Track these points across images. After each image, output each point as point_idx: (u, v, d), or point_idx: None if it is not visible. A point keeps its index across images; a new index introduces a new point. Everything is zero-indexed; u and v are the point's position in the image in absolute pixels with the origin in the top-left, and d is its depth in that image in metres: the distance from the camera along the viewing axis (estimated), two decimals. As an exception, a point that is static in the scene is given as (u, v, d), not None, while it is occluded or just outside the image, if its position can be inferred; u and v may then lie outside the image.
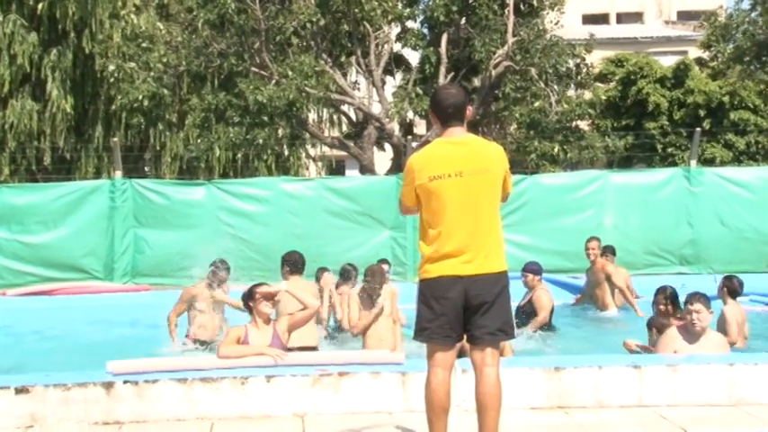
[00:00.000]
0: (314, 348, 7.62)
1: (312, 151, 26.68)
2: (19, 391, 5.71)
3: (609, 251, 11.45)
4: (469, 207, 4.56)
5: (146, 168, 23.26)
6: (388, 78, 21.50)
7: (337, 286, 10.22)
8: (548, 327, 9.58)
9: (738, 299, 8.71)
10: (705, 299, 6.73)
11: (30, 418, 5.70)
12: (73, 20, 21.29)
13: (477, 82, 20.90)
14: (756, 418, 5.75)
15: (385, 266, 10.14)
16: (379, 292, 7.96)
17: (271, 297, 6.63)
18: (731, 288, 8.22)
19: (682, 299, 7.18)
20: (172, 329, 8.81)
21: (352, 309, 8.11)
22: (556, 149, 18.88)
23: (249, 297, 6.67)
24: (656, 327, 7.27)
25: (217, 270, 9.02)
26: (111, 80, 18.91)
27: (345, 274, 9.94)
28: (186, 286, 9.31)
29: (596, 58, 24.09)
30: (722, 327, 7.81)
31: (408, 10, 19.82)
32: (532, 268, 9.74)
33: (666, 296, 7.47)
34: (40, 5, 21.27)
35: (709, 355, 6.44)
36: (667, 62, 29.34)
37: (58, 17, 21.29)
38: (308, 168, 27.34)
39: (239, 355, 6.20)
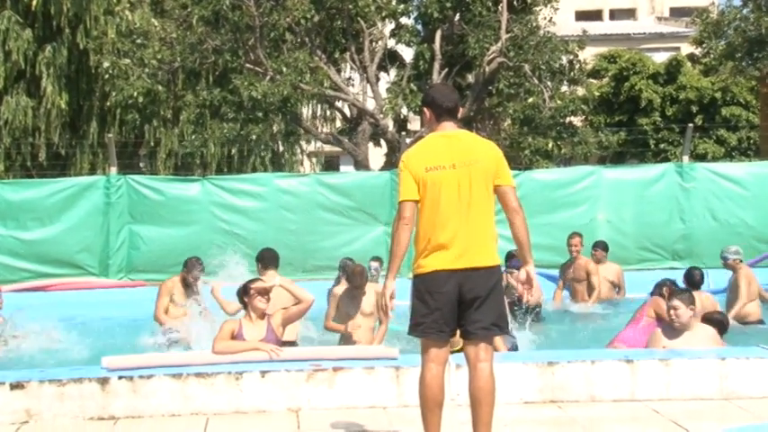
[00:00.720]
0: (293, 344, 7.68)
1: (306, 147, 26.70)
2: (14, 386, 5.73)
3: (600, 247, 11.47)
4: (462, 199, 4.60)
5: (141, 164, 23.25)
6: (383, 74, 21.52)
7: (338, 281, 10.34)
8: (537, 319, 9.74)
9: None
10: (686, 295, 6.79)
11: (25, 414, 5.72)
12: (67, 16, 21.27)
13: (470, 78, 20.93)
14: (747, 412, 5.80)
15: (375, 264, 10.20)
16: (364, 291, 7.98)
17: (266, 293, 6.66)
18: (690, 280, 8.79)
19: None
20: (164, 322, 8.99)
21: (331, 306, 8.18)
22: (549, 145, 18.93)
23: (244, 293, 6.71)
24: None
25: (192, 267, 9.16)
26: (106, 76, 18.89)
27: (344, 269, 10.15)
28: (162, 282, 9.54)
29: (589, 55, 24.14)
30: None
31: (402, 6, 19.82)
32: (517, 265, 9.86)
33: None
34: (34, 2, 21.23)
35: (701, 349, 6.50)
36: (660, 58, 29.46)
37: (53, 13, 21.26)
38: (302, 164, 27.36)
39: (235, 351, 6.23)
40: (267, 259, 8.56)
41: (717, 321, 7.21)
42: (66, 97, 21.55)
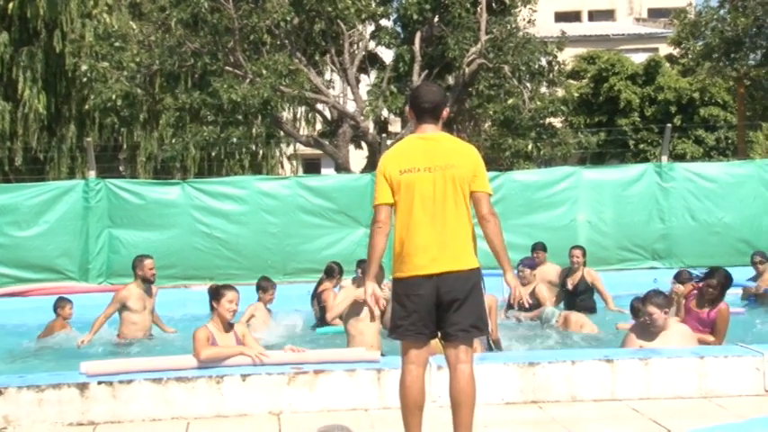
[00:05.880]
0: None
1: (286, 150, 26.66)
2: (-7, 393, 5.69)
3: (539, 248, 11.31)
4: (437, 203, 4.58)
5: (120, 168, 23.16)
6: (363, 77, 21.52)
7: (321, 282, 10.31)
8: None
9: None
10: (659, 299, 6.76)
11: (3, 420, 5.68)
12: (44, 19, 21.17)
13: (451, 80, 20.97)
14: (726, 410, 5.85)
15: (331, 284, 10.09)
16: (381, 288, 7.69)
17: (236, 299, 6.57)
18: (679, 280, 9.08)
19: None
20: (96, 329, 8.98)
21: (338, 296, 8.00)
22: (529, 146, 18.98)
23: (215, 297, 6.54)
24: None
25: (140, 263, 9.48)
26: (84, 80, 18.77)
27: (329, 272, 10.16)
28: (118, 287, 9.66)
29: (568, 56, 24.24)
30: None
31: (382, 8, 19.81)
32: (530, 263, 9.95)
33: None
34: (10, 5, 21.13)
35: (680, 348, 6.54)
36: (638, 59, 29.63)
37: (29, 17, 21.16)
38: (282, 167, 27.33)
39: (221, 356, 6.14)
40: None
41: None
42: (43, 101, 21.43)
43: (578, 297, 10.59)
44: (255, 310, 9.56)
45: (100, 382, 5.79)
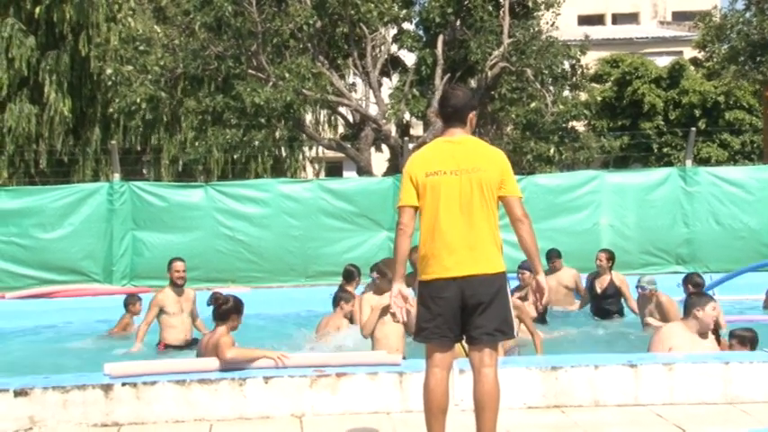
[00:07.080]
0: None
1: (309, 153, 26.74)
2: (18, 393, 5.73)
3: (554, 255, 11.22)
4: (462, 206, 4.58)
5: (144, 171, 23.32)
6: (385, 80, 21.54)
7: (342, 288, 10.24)
8: (541, 321, 9.76)
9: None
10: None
11: (29, 421, 5.72)
12: (70, 23, 21.38)
13: (473, 83, 20.92)
14: (751, 416, 5.79)
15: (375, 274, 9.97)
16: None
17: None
18: (695, 284, 9.09)
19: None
20: (141, 337, 9.09)
21: (364, 311, 7.97)
22: (551, 150, 18.92)
23: (238, 311, 6.59)
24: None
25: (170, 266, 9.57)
26: (109, 83, 18.91)
27: (349, 275, 10.02)
28: (142, 289, 9.68)
29: (592, 59, 24.16)
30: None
31: (404, 12, 19.84)
32: (529, 266, 9.85)
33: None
34: (37, 9, 21.35)
35: (705, 353, 6.48)
36: (662, 62, 29.48)
37: (56, 21, 21.37)
38: (305, 170, 27.42)
39: (248, 358, 6.18)
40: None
41: (750, 339, 7.01)
42: (69, 104, 21.63)
43: (606, 300, 10.55)
44: (337, 320, 9.04)
45: (124, 384, 5.83)
